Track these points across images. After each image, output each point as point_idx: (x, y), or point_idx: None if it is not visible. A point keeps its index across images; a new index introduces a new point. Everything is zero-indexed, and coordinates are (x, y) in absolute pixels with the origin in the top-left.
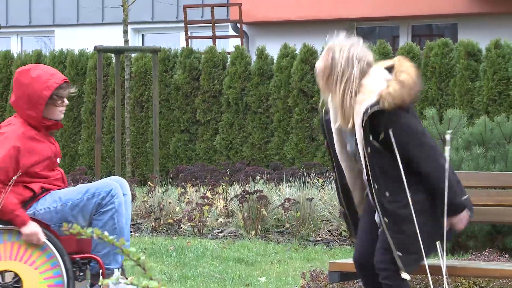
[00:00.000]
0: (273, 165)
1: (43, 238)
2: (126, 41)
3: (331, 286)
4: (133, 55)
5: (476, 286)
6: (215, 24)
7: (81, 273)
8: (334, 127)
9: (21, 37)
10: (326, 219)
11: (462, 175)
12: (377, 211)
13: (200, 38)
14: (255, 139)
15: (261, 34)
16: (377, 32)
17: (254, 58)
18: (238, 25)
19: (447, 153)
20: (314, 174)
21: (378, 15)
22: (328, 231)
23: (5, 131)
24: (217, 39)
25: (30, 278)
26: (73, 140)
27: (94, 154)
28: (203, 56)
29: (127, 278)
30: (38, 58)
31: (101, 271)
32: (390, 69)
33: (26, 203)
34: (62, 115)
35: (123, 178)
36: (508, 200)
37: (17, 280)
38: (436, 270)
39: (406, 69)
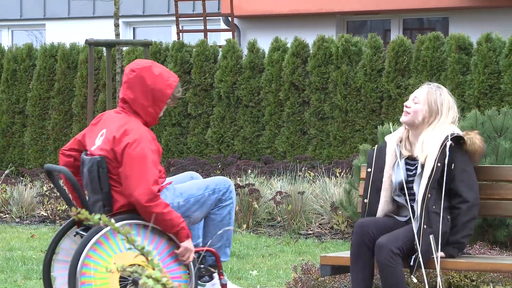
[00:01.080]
0: (264, 158)
1: (193, 257)
2: (117, 35)
3: (322, 279)
4: (124, 48)
5: (467, 279)
6: (207, 18)
7: (202, 266)
8: (392, 159)
9: (12, 31)
10: (318, 213)
11: None
12: (420, 215)
13: (191, 31)
14: (246, 132)
15: (253, 27)
16: (369, 26)
17: (245, 51)
18: (230, 18)
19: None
20: (305, 167)
21: (369, 8)
22: (320, 224)
23: (136, 136)
24: (208, 33)
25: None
26: (64, 133)
27: None
28: (194, 49)
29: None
30: (29, 51)
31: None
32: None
33: None
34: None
35: None
36: (499, 194)
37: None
38: (429, 263)
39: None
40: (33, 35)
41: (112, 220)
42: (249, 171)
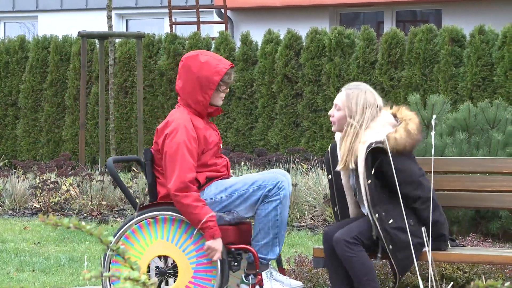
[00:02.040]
0: (257, 151)
1: (219, 256)
2: (110, 27)
3: (315, 271)
4: (117, 40)
5: (459, 271)
6: (199, 10)
7: (236, 264)
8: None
9: (4, 23)
10: (311, 205)
11: (445, 161)
12: (381, 238)
13: (184, 23)
14: (239, 125)
15: (246, 19)
16: (362, 18)
17: (238, 43)
18: (223, 10)
19: (432, 138)
20: (298, 159)
21: (362, 0)
22: (313, 216)
23: (174, 126)
24: (201, 25)
25: (183, 265)
26: (57, 125)
27: (78, 140)
28: (187, 41)
29: (284, 269)
30: (21, 43)
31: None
32: (394, 115)
33: None
34: (222, 101)
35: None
36: (492, 186)
37: (172, 266)
38: (421, 255)
39: (413, 120)
40: (25, 27)
41: (83, 223)
42: (242, 163)
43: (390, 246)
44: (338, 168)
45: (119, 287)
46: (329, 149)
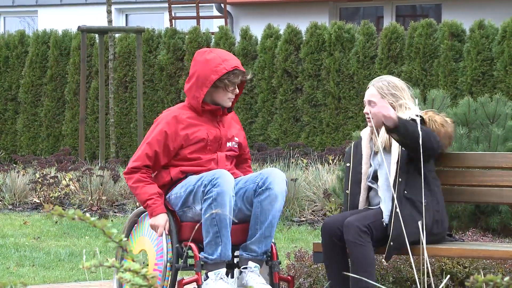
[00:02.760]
0: (257, 145)
1: (162, 232)
2: (109, 21)
3: (315, 266)
4: (117, 35)
5: (459, 266)
6: (199, 5)
7: (182, 260)
8: (368, 150)
9: (4, 17)
10: (310, 200)
11: (445, 156)
12: (392, 200)
13: (184, 18)
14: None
15: (245, 14)
16: (361, 13)
17: (238, 38)
18: (222, 5)
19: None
20: (298, 154)
21: None
22: (312, 211)
23: (160, 115)
24: (201, 20)
25: (151, 253)
26: (57, 120)
27: (78, 135)
28: (187, 36)
29: (285, 276)
30: (21, 38)
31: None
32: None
33: (168, 187)
34: (230, 103)
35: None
36: (491, 181)
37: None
38: (417, 250)
39: (449, 120)
40: (25, 21)
41: (88, 214)
42: None
43: (397, 209)
44: (376, 148)
45: (119, 277)
46: (353, 144)
